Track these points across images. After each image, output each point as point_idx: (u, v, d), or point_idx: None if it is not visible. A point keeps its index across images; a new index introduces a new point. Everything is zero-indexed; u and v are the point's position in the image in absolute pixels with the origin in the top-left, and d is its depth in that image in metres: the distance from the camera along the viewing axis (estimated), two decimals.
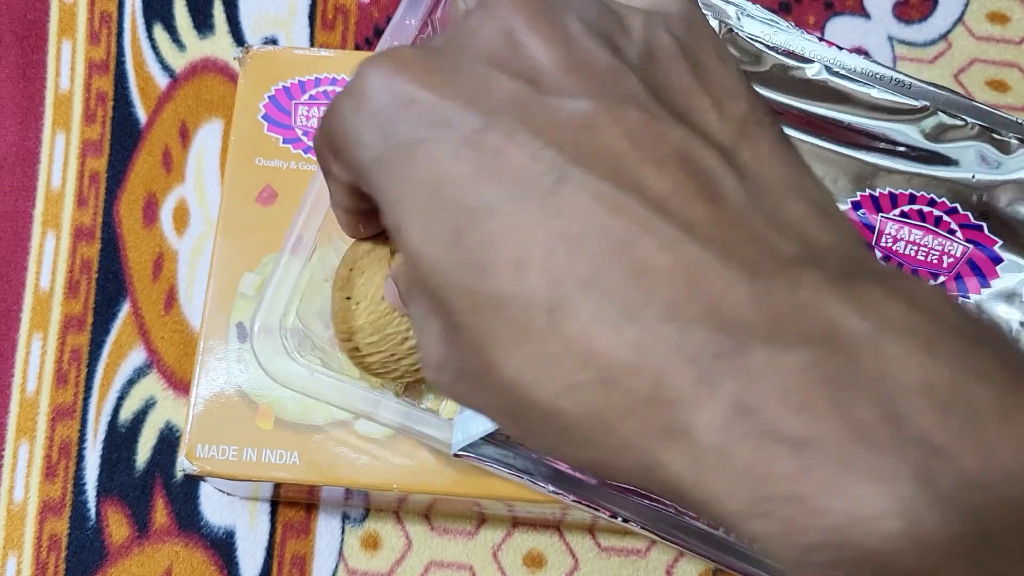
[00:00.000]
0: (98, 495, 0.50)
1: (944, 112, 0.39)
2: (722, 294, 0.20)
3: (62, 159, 0.54)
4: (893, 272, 0.22)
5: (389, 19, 0.54)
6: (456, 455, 0.36)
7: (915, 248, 0.40)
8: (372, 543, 0.50)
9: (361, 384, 0.39)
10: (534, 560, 0.50)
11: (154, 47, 0.54)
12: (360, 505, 0.50)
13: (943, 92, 0.40)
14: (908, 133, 0.40)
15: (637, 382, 0.20)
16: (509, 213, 0.21)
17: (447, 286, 0.22)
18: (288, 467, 0.41)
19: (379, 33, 0.54)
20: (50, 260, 0.53)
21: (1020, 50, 0.54)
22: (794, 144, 0.24)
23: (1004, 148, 0.40)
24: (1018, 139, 0.40)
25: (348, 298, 0.38)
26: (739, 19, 0.41)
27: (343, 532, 0.50)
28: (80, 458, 0.51)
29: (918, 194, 0.41)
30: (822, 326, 0.20)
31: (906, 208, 0.41)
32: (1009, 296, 0.39)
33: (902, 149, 0.40)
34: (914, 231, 0.41)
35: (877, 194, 0.41)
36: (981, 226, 0.40)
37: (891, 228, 0.41)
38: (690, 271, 0.20)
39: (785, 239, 0.21)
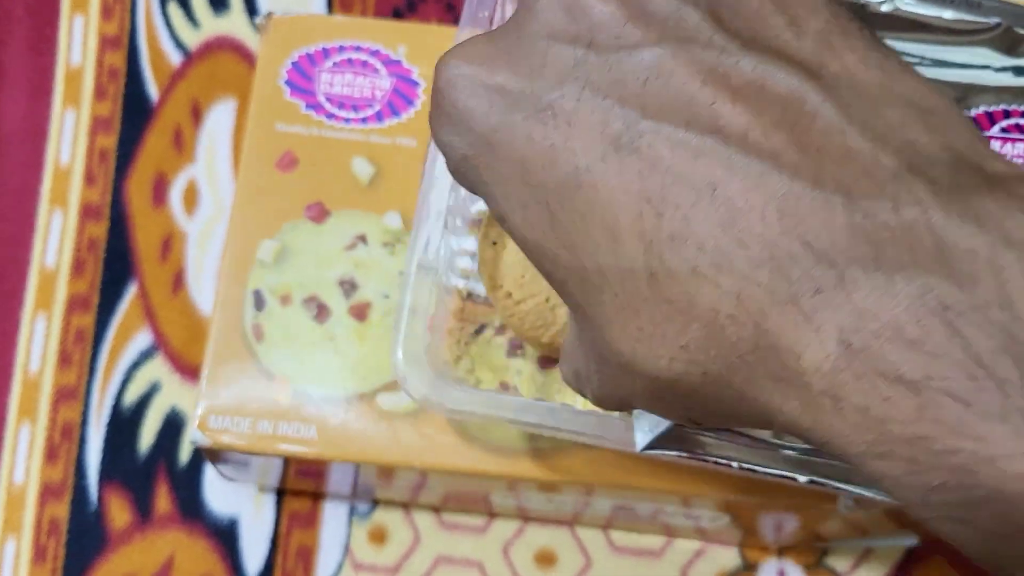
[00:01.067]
0: (100, 479, 0.48)
1: (1018, 26, 0.39)
2: (817, 224, 0.19)
3: (71, 135, 0.52)
4: (1014, 174, 0.20)
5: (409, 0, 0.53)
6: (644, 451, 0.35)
7: (1022, 161, 0.40)
8: (379, 536, 0.48)
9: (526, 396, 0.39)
10: (545, 558, 0.48)
11: (168, 23, 0.53)
12: (367, 497, 0.48)
13: (1011, 5, 0.39)
14: (987, 51, 0.39)
15: (741, 331, 0.20)
16: (593, 183, 0.21)
17: (555, 269, 0.22)
18: (305, 441, 0.39)
19: (397, 14, 0.53)
20: (56, 238, 0.51)
21: None
22: (891, 48, 0.22)
23: None
24: None
25: (494, 243, 0.38)
26: None
27: (350, 524, 0.48)
28: (82, 441, 0.49)
29: (1011, 108, 0.40)
30: (933, 247, 0.18)
31: (1004, 123, 0.40)
32: None
33: (986, 67, 0.39)
34: (1018, 144, 0.40)
35: (973, 115, 0.40)
36: None
37: (994, 146, 0.40)
38: (780, 206, 0.19)
39: (885, 151, 0.20)
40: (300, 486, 0.47)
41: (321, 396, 0.40)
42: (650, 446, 0.36)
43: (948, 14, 0.39)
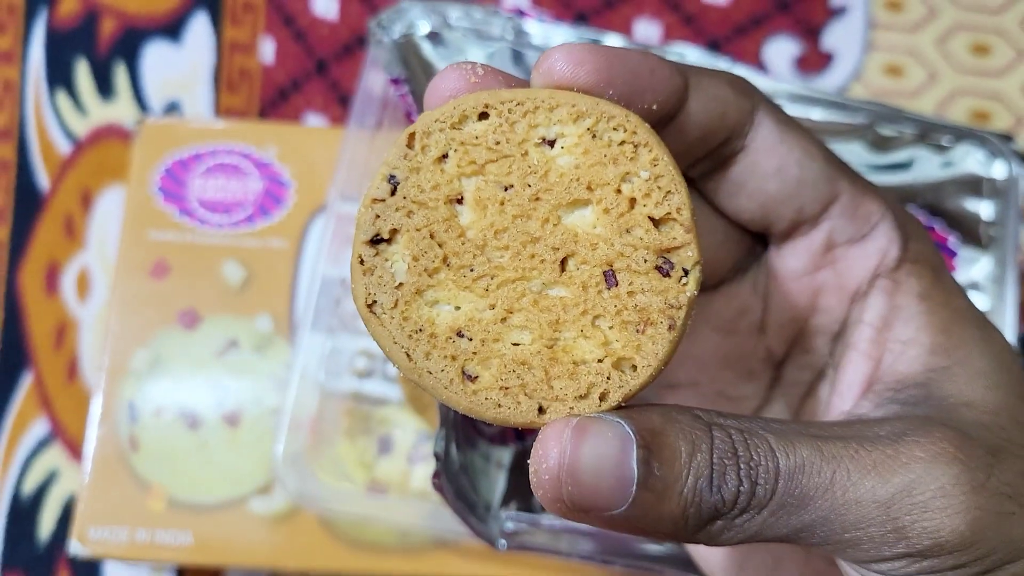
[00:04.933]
0: (2, 569, 0.49)
1: (883, 125, 0.40)
2: None
3: None
4: None
5: (294, 81, 0.54)
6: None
7: None
8: None
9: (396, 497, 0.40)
10: None
11: (56, 112, 0.54)
12: (266, 572, 0.49)
13: (876, 105, 0.41)
14: (855, 149, 0.41)
15: None
16: None
17: None
18: (182, 548, 0.41)
19: (284, 95, 0.54)
20: None
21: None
22: None
23: (939, 149, 0.41)
24: (948, 139, 0.41)
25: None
26: None
27: None
28: None
29: None
30: None
31: None
32: (970, 288, 0.40)
33: (858, 164, 0.41)
34: None
35: None
36: (932, 227, 0.41)
37: None
38: None
39: None
40: (197, 568, 0.49)
41: (196, 503, 0.41)
42: (513, 545, 0.38)
43: (816, 114, 0.41)
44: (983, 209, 0.40)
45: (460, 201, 0.24)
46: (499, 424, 0.24)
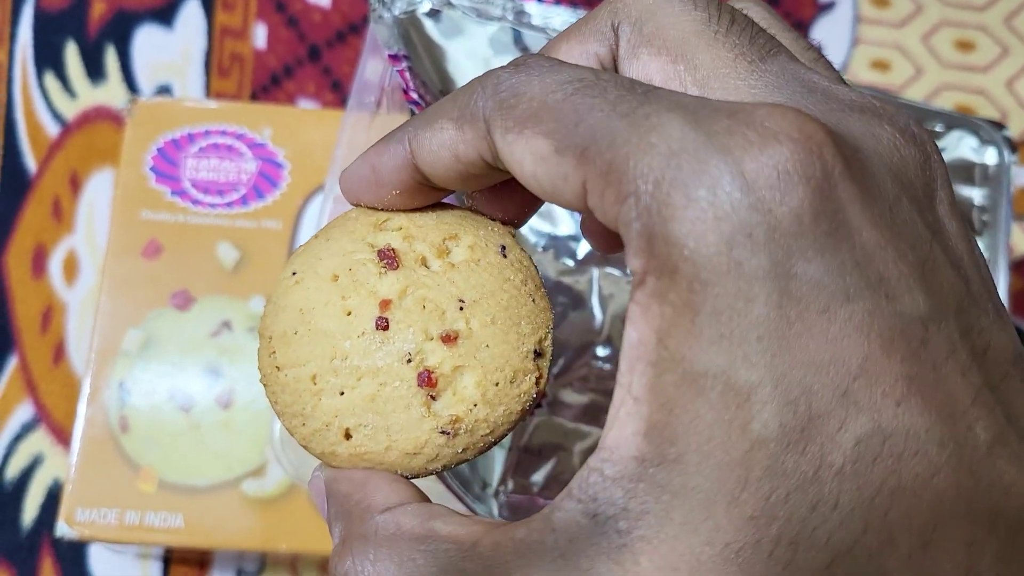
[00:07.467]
0: None
1: None
2: None
3: None
4: None
5: (286, 67, 0.54)
6: None
7: None
8: None
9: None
10: None
11: (44, 95, 0.53)
12: (255, 558, 0.49)
13: (870, 92, 0.41)
14: None
15: None
16: None
17: None
18: (172, 531, 0.40)
19: (276, 80, 0.53)
20: None
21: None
22: None
23: (932, 135, 0.42)
24: (941, 126, 0.41)
25: (293, 273, 0.25)
26: None
27: None
28: None
29: None
30: None
31: None
32: None
33: None
34: None
35: None
36: None
37: None
38: None
39: None
40: (185, 553, 0.48)
41: (187, 485, 0.41)
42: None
43: None
44: (975, 195, 0.41)
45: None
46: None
